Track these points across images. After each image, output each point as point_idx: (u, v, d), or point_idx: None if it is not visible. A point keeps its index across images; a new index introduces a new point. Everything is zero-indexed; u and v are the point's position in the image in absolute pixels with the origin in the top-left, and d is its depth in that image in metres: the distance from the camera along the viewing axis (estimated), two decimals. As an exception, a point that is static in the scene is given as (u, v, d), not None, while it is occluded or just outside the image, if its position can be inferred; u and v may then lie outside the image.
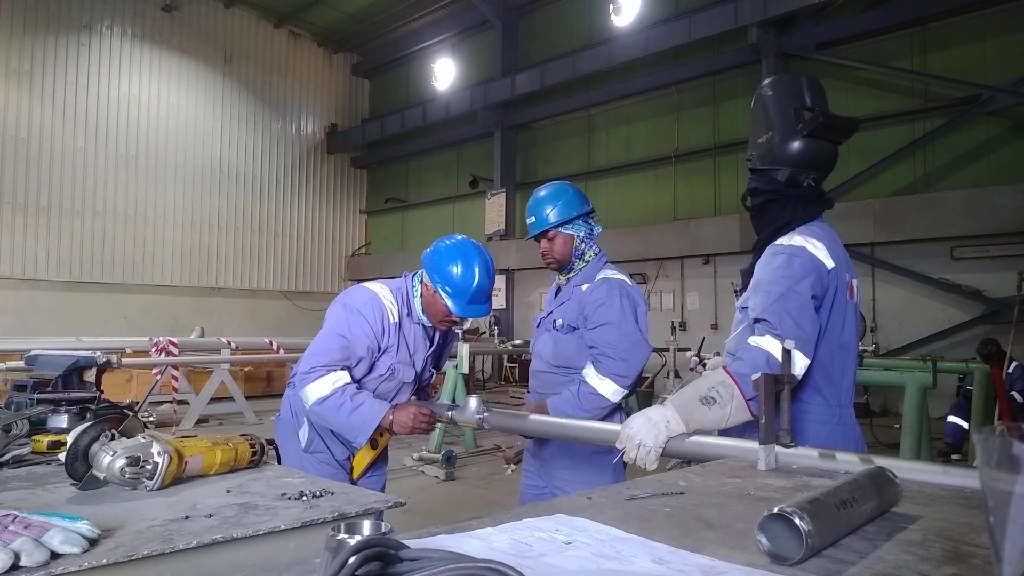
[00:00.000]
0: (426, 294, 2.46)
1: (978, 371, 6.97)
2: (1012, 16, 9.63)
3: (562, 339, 2.63)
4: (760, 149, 2.02)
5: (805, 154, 1.99)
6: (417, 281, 2.52)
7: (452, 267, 2.37)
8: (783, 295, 1.82)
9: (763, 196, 2.04)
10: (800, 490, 1.19)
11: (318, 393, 2.26)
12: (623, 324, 2.50)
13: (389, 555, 0.62)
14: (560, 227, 2.60)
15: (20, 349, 6.15)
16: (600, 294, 2.54)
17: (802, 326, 1.79)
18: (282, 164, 17.94)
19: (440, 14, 16.46)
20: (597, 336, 2.51)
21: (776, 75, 2.20)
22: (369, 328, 2.37)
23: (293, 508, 1.28)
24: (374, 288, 2.49)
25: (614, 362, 2.46)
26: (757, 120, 2.05)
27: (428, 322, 2.50)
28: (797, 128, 1.97)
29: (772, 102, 2.03)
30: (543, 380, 2.71)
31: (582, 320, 2.57)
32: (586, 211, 2.64)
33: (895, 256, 10.35)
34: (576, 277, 2.65)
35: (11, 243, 13.87)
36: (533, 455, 2.79)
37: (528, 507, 1.06)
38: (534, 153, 15.68)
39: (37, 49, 14.24)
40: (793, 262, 1.86)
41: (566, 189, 2.68)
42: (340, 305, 2.44)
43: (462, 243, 2.45)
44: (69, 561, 0.95)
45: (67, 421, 1.79)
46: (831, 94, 2.13)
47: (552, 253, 2.63)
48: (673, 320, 12.14)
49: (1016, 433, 0.52)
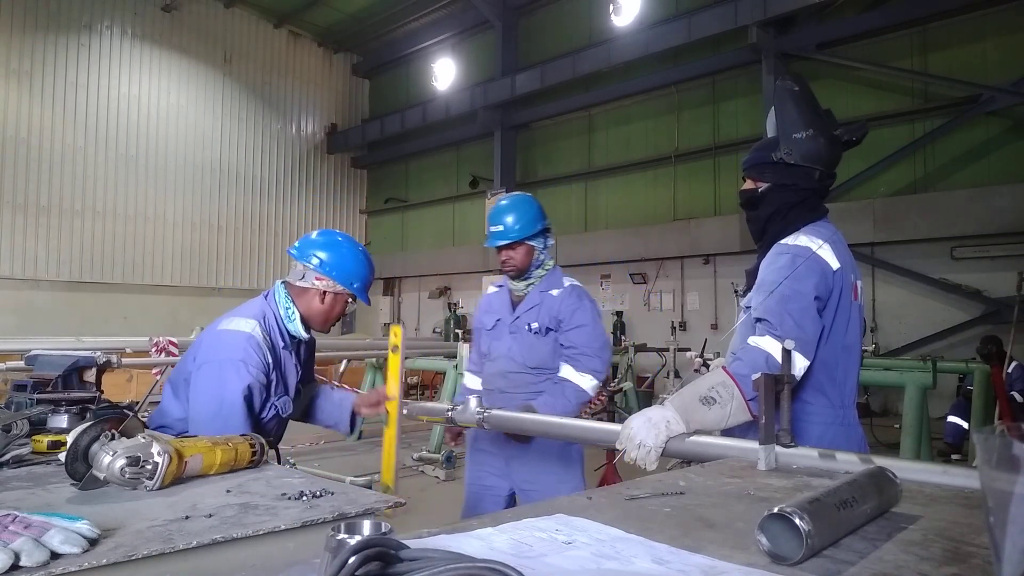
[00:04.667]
0: (322, 303, 2.25)
1: (978, 371, 6.97)
2: (1012, 16, 9.63)
3: (539, 341, 2.79)
4: (800, 146, 1.96)
5: (836, 158, 2.00)
6: (286, 299, 2.25)
7: (349, 261, 2.28)
8: (786, 296, 1.81)
9: (795, 194, 1.98)
10: (800, 490, 1.19)
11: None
12: (595, 326, 2.79)
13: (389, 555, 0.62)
14: (526, 239, 2.78)
15: (20, 349, 6.13)
16: (573, 299, 2.78)
17: (803, 327, 1.78)
18: (282, 164, 17.94)
19: (440, 14, 16.45)
20: (575, 337, 2.74)
21: (791, 74, 2.16)
22: (257, 383, 2.05)
23: (293, 508, 1.28)
24: (243, 328, 2.10)
25: (591, 359, 2.73)
26: (789, 114, 1.99)
27: (305, 335, 2.29)
28: (837, 132, 1.98)
29: (808, 100, 2.00)
30: (514, 381, 2.82)
31: (555, 323, 2.77)
32: (547, 225, 2.86)
33: (895, 256, 10.35)
34: (540, 283, 2.85)
35: (11, 243, 13.87)
36: (492, 454, 2.86)
37: (528, 507, 1.06)
38: (534, 153, 15.68)
39: (37, 49, 14.24)
40: (797, 262, 1.86)
41: (532, 202, 2.88)
42: (215, 364, 2.03)
43: (336, 239, 2.36)
44: (69, 561, 0.95)
45: (67, 421, 1.79)
46: (831, 94, 2.14)
47: (513, 261, 2.81)
48: (673, 320, 12.15)
49: (1016, 433, 0.52)
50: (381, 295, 18.18)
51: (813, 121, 1.97)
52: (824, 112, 2.03)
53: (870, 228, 10.10)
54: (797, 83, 2.03)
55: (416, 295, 17.84)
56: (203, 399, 2.00)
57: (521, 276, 2.85)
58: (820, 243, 1.89)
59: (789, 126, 1.99)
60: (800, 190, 1.99)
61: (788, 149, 1.98)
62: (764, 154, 2.04)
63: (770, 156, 2.01)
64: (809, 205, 2.00)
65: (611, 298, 13.73)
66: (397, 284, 18.43)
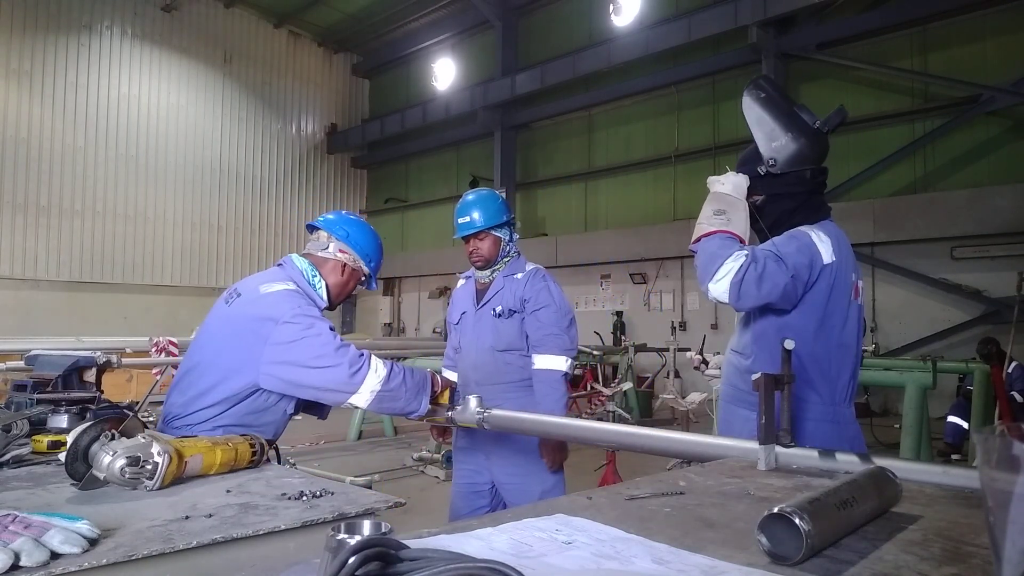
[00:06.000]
0: (341, 276, 2.29)
1: (978, 371, 6.97)
2: (1012, 16, 9.63)
3: (504, 323, 2.86)
4: (783, 152, 1.94)
5: (824, 151, 1.99)
6: (310, 267, 2.27)
7: (371, 240, 2.37)
8: (769, 253, 1.88)
9: (793, 200, 1.97)
10: (800, 490, 1.19)
11: (380, 375, 1.99)
12: (561, 304, 2.86)
13: (389, 555, 0.62)
14: (492, 229, 2.89)
15: (20, 349, 6.14)
16: (537, 281, 2.87)
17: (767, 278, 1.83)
18: (282, 164, 17.95)
19: (440, 14, 16.46)
20: (543, 315, 2.81)
21: (756, 77, 2.13)
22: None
23: (293, 508, 1.28)
24: (288, 287, 2.14)
25: (559, 336, 2.80)
26: (763, 122, 1.97)
27: (327, 304, 2.29)
28: (815, 126, 1.95)
29: (777, 102, 1.99)
30: (486, 371, 2.87)
31: (520, 304, 2.85)
32: (512, 217, 2.99)
33: (895, 256, 10.35)
34: (504, 269, 2.94)
35: (11, 243, 13.87)
36: (472, 451, 2.91)
37: (528, 507, 1.06)
38: (534, 153, 15.68)
39: (37, 49, 14.24)
40: (791, 241, 1.90)
41: (496, 196, 3.02)
42: (293, 317, 2.00)
43: (360, 219, 2.48)
44: (69, 561, 0.95)
45: (67, 421, 1.78)
46: (831, 94, 2.14)
47: (481, 251, 2.90)
48: (673, 320, 12.16)
49: (1016, 433, 0.52)
50: (381, 295, 18.18)
51: (790, 123, 1.95)
52: (799, 107, 2.01)
53: (870, 228, 10.10)
54: (763, 88, 2.00)
55: (416, 295, 17.84)
56: (305, 340, 1.95)
57: (488, 266, 2.94)
58: (821, 235, 1.91)
59: (767, 135, 1.96)
60: (795, 195, 1.98)
61: (772, 159, 1.95)
62: (750, 168, 2.01)
63: (756, 170, 1.99)
64: (811, 206, 1.99)
65: (611, 298, 13.73)
66: (397, 284, 18.42)
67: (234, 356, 2.01)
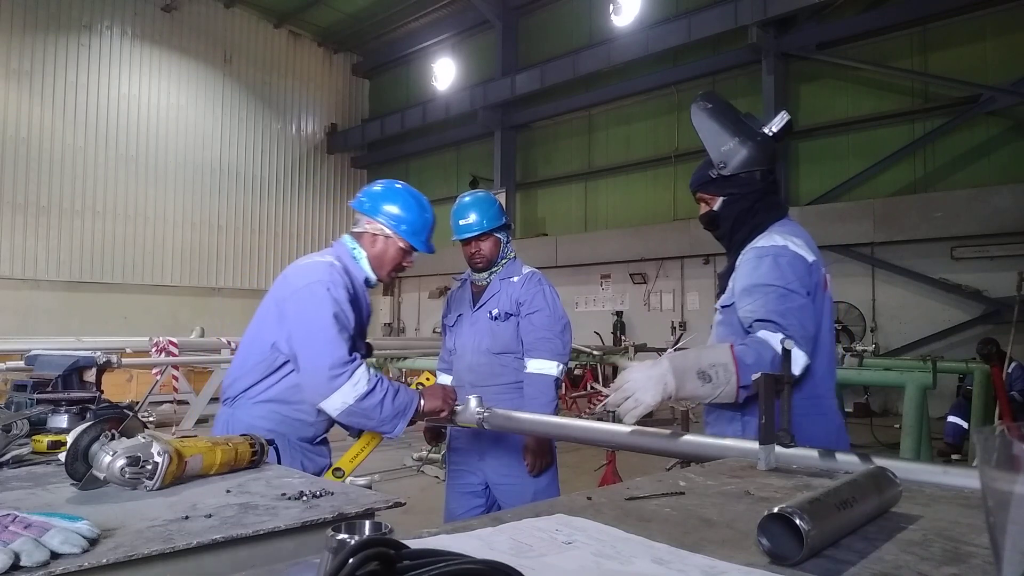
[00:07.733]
0: (375, 247, 2.33)
1: (978, 371, 6.97)
2: (1012, 16, 9.63)
3: (500, 326, 2.86)
4: (731, 156, 2.04)
5: (773, 153, 2.08)
6: (353, 242, 2.33)
7: (399, 205, 2.33)
8: (784, 295, 1.86)
9: (747, 200, 2.06)
10: (800, 490, 1.19)
11: (358, 391, 2.01)
12: (555, 309, 2.87)
13: (389, 555, 0.62)
14: (493, 231, 2.90)
15: (20, 349, 6.13)
16: (533, 284, 2.88)
17: (805, 325, 1.84)
18: (282, 164, 17.95)
19: (440, 14, 16.46)
20: (536, 319, 2.82)
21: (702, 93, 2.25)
22: (350, 307, 2.15)
23: (293, 508, 1.28)
24: (326, 259, 2.22)
25: (552, 340, 2.81)
26: (712, 130, 2.08)
27: (373, 276, 2.34)
28: (761, 130, 2.06)
29: (723, 112, 2.09)
30: (481, 373, 2.87)
31: (515, 307, 2.86)
32: (509, 222, 3.00)
33: (895, 256, 10.35)
34: (500, 272, 2.94)
35: (11, 243, 13.88)
36: (465, 452, 2.91)
37: (528, 507, 1.06)
38: (534, 153, 15.68)
39: (37, 49, 14.25)
40: (780, 262, 1.91)
41: (493, 200, 2.99)
42: (308, 286, 2.10)
43: (394, 185, 2.42)
44: (69, 561, 0.95)
45: (67, 421, 1.78)
46: (831, 94, 2.18)
47: (483, 253, 2.90)
48: (673, 320, 12.17)
49: (1016, 433, 0.52)
50: (381, 295, 18.18)
51: (736, 130, 2.06)
52: (745, 116, 2.12)
53: (870, 228, 10.10)
54: (710, 101, 2.13)
55: (416, 295, 17.84)
56: (310, 323, 2.06)
57: (487, 268, 2.94)
58: (794, 239, 1.95)
59: (715, 141, 2.08)
60: (748, 195, 2.06)
61: (721, 162, 2.06)
62: (703, 173, 2.13)
63: (708, 174, 2.11)
64: (766, 204, 2.07)
65: (611, 298, 13.73)
66: (397, 284, 18.42)
67: (263, 323, 2.19)
